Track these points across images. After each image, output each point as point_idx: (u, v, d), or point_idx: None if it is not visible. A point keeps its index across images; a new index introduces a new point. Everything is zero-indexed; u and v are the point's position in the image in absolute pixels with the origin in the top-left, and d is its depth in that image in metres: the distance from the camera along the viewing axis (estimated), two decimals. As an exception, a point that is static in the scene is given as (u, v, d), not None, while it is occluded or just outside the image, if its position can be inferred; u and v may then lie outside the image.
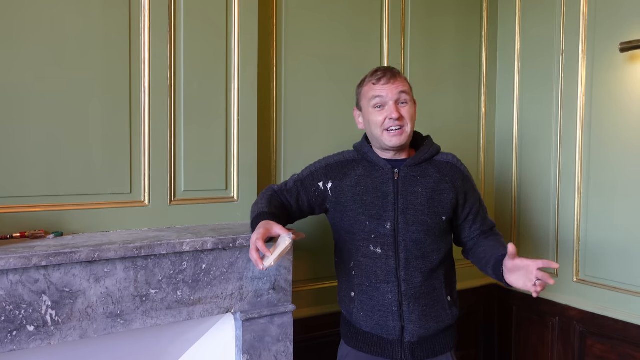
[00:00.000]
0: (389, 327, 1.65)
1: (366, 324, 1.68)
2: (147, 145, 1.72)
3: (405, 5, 2.46)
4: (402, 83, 1.64)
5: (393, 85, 1.62)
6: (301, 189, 1.74)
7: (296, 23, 2.16)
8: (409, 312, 1.64)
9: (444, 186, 1.67)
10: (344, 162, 1.75)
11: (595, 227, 2.36)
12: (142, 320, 1.50)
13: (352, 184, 1.69)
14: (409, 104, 1.64)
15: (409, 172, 1.67)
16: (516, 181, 2.73)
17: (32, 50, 1.53)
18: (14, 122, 1.52)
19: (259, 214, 1.59)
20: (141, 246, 1.47)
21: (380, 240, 1.64)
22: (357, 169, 1.71)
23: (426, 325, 1.65)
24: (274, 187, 1.79)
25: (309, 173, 1.76)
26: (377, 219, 1.64)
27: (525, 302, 2.68)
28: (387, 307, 1.65)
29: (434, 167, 1.70)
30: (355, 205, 1.67)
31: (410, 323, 1.64)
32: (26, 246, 1.39)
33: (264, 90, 2.06)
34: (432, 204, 1.65)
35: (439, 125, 2.61)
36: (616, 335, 2.27)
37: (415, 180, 1.66)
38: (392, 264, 1.64)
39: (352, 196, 1.68)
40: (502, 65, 2.80)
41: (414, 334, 1.65)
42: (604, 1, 2.30)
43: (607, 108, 2.30)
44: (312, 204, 1.75)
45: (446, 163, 1.72)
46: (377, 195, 1.66)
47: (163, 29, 1.73)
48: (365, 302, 1.68)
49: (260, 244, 1.43)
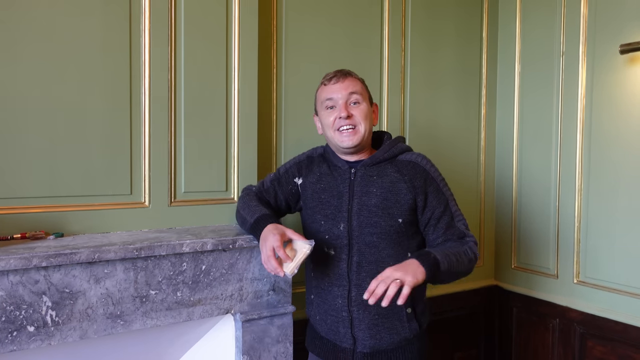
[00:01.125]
0: (340, 333, 1.60)
1: (322, 328, 1.66)
2: (147, 146, 1.73)
3: (405, 9, 2.47)
4: (353, 83, 1.61)
5: (342, 84, 1.60)
6: (278, 188, 1.74)
7: (296, 25, 2.16)
8: (358, 319, 1.57)
9: (401, 186, 1.57)
10: (312, 157, 1.74)
11: (595, 228, 2.36)
12: (142, 321, 1.50)
13: (314, 180, 1.68)
14: (362, 103, 1.60)
15: (366, 172, 1.61)
16: (516, 183, 2.73)
17: (33, 51, 1.54)
18: (15, 123, 1.52)
19: (261, 216, 1.58)
20: (141, 247, 1.47)
21: (333, 241, 1.60)
22: (322, 165, 1.70)
23: (377, 335, 1.57)
24: (253, 188, 1.79)
25: (284, 171, 1.76)
26: (332, 219, 1.60)
27: (525, 303, 2.68)
28: (338, 311, 1.60)
29: (393, 167, 1.60)
30: (314, 203, 1.66)
31: (359, 331, 1.57)
32: (27, 247, 1.40)
33: (264, 91, 2.07)
34: (387, 205, 1.55)
35: (439, 128, 2.61)
36: (616, 337, 2.27)
37: (371, 180, 1.59)
38: (343, 267, 1.58)
39: (312, 193, 1.67)
40: (502, 67, 2.80)
41: (365, 344, 1.57)
42: (604, 3, 2.30)
43: (607, 110, 2.30)
44: (288, 202, 1.75)
45: (408, 162, 1.61)
46: (333, 194, 1.62)
47: (163, 30, 1.74)
48: (320, 304, 1.65)
49: (282, 252, 1.43)
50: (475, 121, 2.77)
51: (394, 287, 1.34)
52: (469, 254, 1.55)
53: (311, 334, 1.74)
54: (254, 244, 1.65)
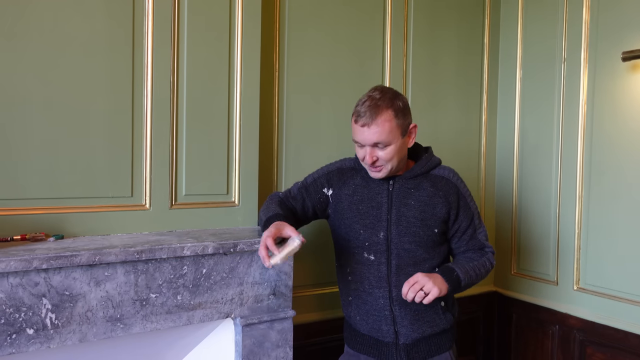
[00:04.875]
0: (383, 330, 1.71)
1: (362, 327, 1.76)
2: (148, 148, 1.72)
3: (407, 16, 2.47)
4: (379, 130, 1.56)
5: (369, 130, 1.57)
6: (306, 196, 1.79)
7: (299, 30, 2.16)
8: (400, 316, 1.69)
9: (437, 200, 1.69)
10: (343, 169, 1.79)
11: (596, 235, 2.35)
12: (141, 325, 1.49)
13: (349, 192, 1.74)
14: (390, 146, 1.59)
15: (404, 185, 1.70)
16: (517, 189, 2.73)
17: (35, 53, 1.53)
18: (16, 124, 1.52)
19: (272, 216, 1.62)
20: (142, 250, 1.47)
21: (373, 247, 1.69)
22: (355, 177, 1.75)
23: (419, 329, 1.71)
24: (279, 194, 1.84)
25: (313, 180, 1.81)
26: (371, 228, 1.69)
27: (525, 310, 2.67)
28: (380, 311, 1.70)
29: (429, 181, 1.71)
30: (351, 214, 1.72)
31: (402, 327, 1.70)
32: (27, 249, 1.39)
33: (266, 95, 2.06)
34: (424, 217, 1.68)
35: (440, 133, 2.61)
36: (616, 344, 2.26)
37: (409, 192, 1.69)
38: (384, 270, 1.69)
39: (349, 205, 1.73)
40: (503, 73, 2.80)
41: (407, 337, 1.70)
42: (606, 10, 2.31)
43: (609, 117, 2.30)
44: (316, 210, 1.80)
45: (441, 178, 1.73)
46: (372, 205, 1.70)
47: (166, 33, 1.74)
48: (360, 306, 1.74)
49: (270, 241, 1.48)
50: (476, 127, 2.77)
51: (419, 298, 1.57)
52: (487, 265, 1.75)
53: (351, 332, 1.81)
54: (254, 247, 1.65)
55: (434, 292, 1.57)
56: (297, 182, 1.86)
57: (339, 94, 2.26)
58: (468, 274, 1.67)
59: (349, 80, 2.28)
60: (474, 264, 1.71)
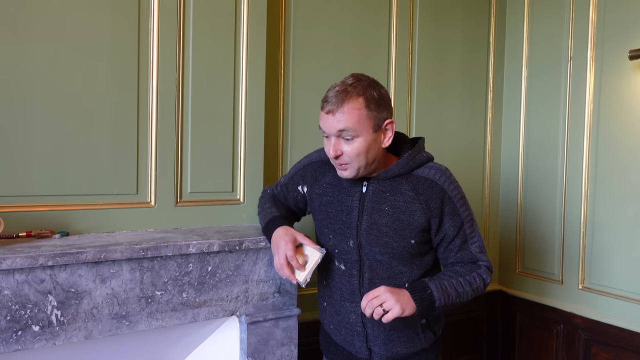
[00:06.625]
0: (356, 346, 1.55)
1: (336, 337, 1.61)
2: (154, 146, 1.72)
3: (413, 14, 2.46)
4: (345, 117, 1.35)
5: (334, 117, 1.36)
6: (286, 194, 1.71)
7: (304, 28, 2.16)
8: (373, 335, 1.51)
9: (415, 207, 1.44)
10: (317, 163, 1.60)
11: (601, 234, 2.35)
12: (147, 322, 1.49)
13: (320, 192, 1.57)
14: (358, 138, 1.37)
15: (378, 187, 1.47)
16: (522, 188, 2.72)
17: (40, 50, 1.53)
18: (21, 121, 1.51)
19: (272, 219, 1.58)
20: (147, 247, 1.46)
21: (344, 256, 1.51)
22: (327, 174, 1.56)
23: (393, 349, 1.51)
24: (268, 190, 1.77)
25: (290, 177, 1.68)
26: (340, 234, 1.51)
27: (529, 308, 2.67)
28: (352, 326, 1.53)
29: (409, 183, 1.45)
30: (321, 216, 1.56)
31: (375, 346, 1.52)
32: (32, 246, 1.38)
33: (271, 93, 2.06)
34: (399, 226, 1.44)
35: (445, 131, 2.60)
36: (621, 343, 2.26)
37: (384, 197, 1.46)
38: (355, 283, 1.50)
39: (319, 205, 1.57)
40: (509, 72, 2.79)
41: (381, 356, 1.53)
42: (612, 9, 2.30)
43: (615, 116, 2.29)
44: (299, 207, 1.70)
45: (425, 179, 1.45)
46: (342, 209, 1.50)
47: (172, 31, 1.73)
48: (333, 315, 1.59)
49: (295, 262, 1.44)
50: (482, 126, 2.76)
51: (377, 316, 1.35)
52: (477, 281, 1.46)
53: (326, 339, 1.68)
54: (260, 245, 1.64)
55: (394, 311, 1.33)
56: (282, 176, 1.78)
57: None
58: (446, 292, 1.40)
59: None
60: (459, 280, 1.44)
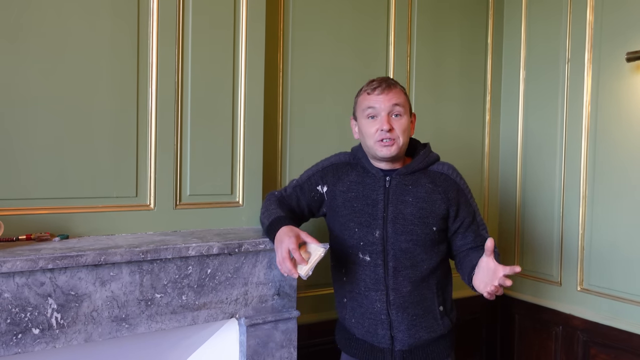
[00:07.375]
0: (379, 335, 1.65)
1: (358, 331, 1.69)
2: (153, 148, 1.72)
3: (410, 18, 2.47)
4: (397, 95, 1.60)
5: (387, 96, 1.59)
6: (300, 194, 1.75)
7: (303, 30, 2.16)
8: (397, 321, 1.63)
9: (436, 197, 1.64)
10: (338, 164, 1.74)
11: (599, 236, 2.35)
12: (146, 325, 1.49)
13: (344, 189, 1.69)
14: (404, 116, 1.60)
15: (401, 181, 1.65)
16: (520, 190, 2.72)
17: (39, 53, 1.53)
18: (21, 124, 1.52)
19: (276, 218, 1.59)
20: (147, 250, 1.47)
21: (369, 248, 1.63)
22: (350, 174, 1.70)
23: (416, 334, 1.64)
24: (275, 193, 1.80)
25: (307, 178, 1.77)
26: (366, 227, 1.63)
27: (528, 310, 2.67)
28: (376, 315, 1.64)
29: (427, 177, 1.66)
30: (346, 211, 1.67)
31: (399, 332, 1.63)
32: (32, 249, 1.39)
33: (270, 95, 2.06)
34: (422, 214, 1.62)
35: (444, 133, 2.61)
36: (620, 345, 2.26)
37: (406, 189, 1.64)
38: (380, 272, 1.62)
39: (343, 202, 1.68)
40: (507, 73, 2.80)
41: (404, 343, 1.64)
42: (610, 10, 2.31)
43: (613, 117, 2.29)
44: (311, 208, 1.76)
45: (440, 174, 1.68)
46: (367, 202, 1.64)
47: (171, 32, 1.73)
48: (355, 308, 1.68)
49: (298, 254, 1.45)
50: (480, 127, 2.77)
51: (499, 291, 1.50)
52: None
53: (345, 336, 1.75)
54: (259, 248, 1.64)
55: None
56: (294, 179, 1.82)
57: (343, 94, 2.26)
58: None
59: (353, 80, 2.28)
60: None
